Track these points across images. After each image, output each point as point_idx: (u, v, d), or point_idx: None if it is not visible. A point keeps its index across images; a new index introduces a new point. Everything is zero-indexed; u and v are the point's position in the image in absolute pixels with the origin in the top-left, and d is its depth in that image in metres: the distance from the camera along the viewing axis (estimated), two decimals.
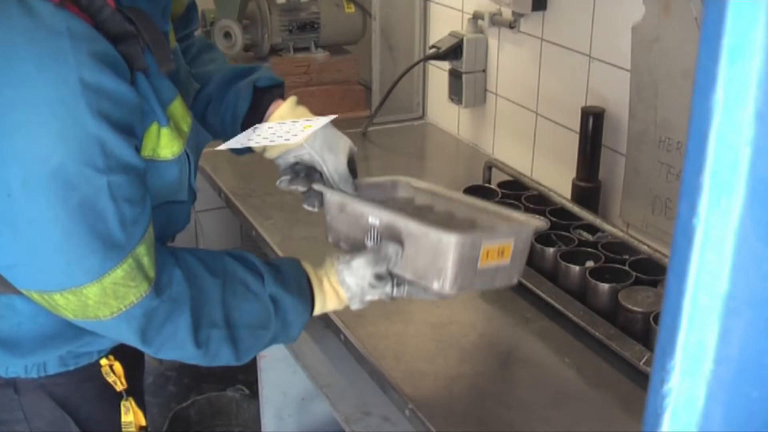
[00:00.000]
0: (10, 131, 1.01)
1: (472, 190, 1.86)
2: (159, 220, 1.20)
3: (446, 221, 1.30)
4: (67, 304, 1.08)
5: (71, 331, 1.19)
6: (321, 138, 1.28)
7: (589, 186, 1.83)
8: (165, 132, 1.15)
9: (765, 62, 0.40)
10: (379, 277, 1.19)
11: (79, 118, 1.01)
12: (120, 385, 1.29)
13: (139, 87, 1.11)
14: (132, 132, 1.09)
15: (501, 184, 1.88)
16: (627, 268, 1.51)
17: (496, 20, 2.14)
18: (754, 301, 0.43)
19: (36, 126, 1.00)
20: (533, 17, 2.02)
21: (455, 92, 2.29)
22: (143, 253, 1.10)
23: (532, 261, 1.63)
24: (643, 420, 0.48)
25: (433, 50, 2.26)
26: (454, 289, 1.13)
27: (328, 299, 1.24)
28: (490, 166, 1.94)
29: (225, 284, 1.18)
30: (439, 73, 2.44)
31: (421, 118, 2.59)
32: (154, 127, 1.14)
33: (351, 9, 2.59)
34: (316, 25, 2.55)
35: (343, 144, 1.30)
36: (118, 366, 1.29)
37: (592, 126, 1.80)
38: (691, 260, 0.43)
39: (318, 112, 1.36)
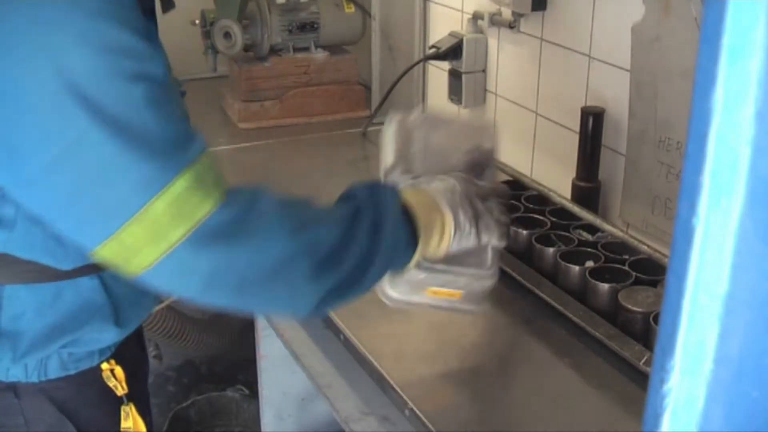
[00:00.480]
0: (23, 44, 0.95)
1: None
2: None
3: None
4: (144, 234, 0.98)
5: (73, 322, 1.18)
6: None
7: (589, 186, 1.83)
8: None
9: (765, 62, 0.40)
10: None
11: (99, 23, 0.96)
12: (121, 390, 1.27)
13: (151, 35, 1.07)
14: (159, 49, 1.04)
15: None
16: (627, 268, 1.51)
17: (495, 20, 2.14)
18: (754, 301, 0.43)
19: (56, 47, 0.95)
20: (533, 17, 2.02)
21: (455, 92, 2.29)
22: (206, 164, 1.02)
23: (532, 261, 1.63)
24: (643, 420, 0.48)
25: (433, 50, 2.26)
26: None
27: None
28: None
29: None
30: (439, 73, 2.44)
31: None
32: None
33: (351, 9, 2.59)
34: (316, 25, 2.55)
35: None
36: (119, 370, 1.27)
37: (592, 126, 1.80)
38: (691, 260, 0.43)
39: (318, 112, 1.37)
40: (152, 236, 0.98)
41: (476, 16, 2.21)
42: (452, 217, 1.17)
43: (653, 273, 1.49)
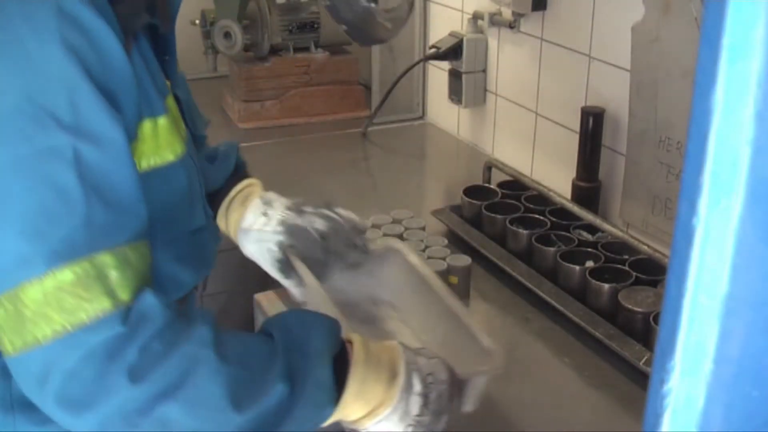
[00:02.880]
0: None
1: (472, 190, 1.86)
2: (180, 259, 1.04)
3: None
4: (5, 320, 0.85)
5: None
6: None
7: (589, 186, 1.83)
8: (163, 124, 1.00)
9: (765, 62, 0.40)
10: None
11: (46, 48, 0.84)
12: None
13: (134, 61, 0.95)
14: (117, 103, 0.89)
15: (501, 184, 1.88)
16: (627, 268, 1.51)
17: (495, 20, 2.14)
18: (754, 301, 0.43)
19: None
20: (533, 17, 2.02)
21: (455, 92, 2.29)
22: (110, 264, 0.86)
23: (532, 261, 1.63)
24: (643, 420, 0.48)
25: (433, 50, 2.26)
26: None
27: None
28: (489, 166, 1.94)
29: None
30: (439, 73, 2.44)
31: (421, 118, 2.59)
32: (147, 124, 0.97)
33: None
34: (316, 25, 2.55)
35: None
36: None
37: (592, 126, 1.80)
38: (691, 260, 0.43)
39: (318, 112, 1.36)
40: (18, 326, 0.84)
41: (476, 16, 2.21)
42: (395, 403, 0.98)
43: (653, 273, 1.49)
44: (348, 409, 0.97)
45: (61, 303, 0.83)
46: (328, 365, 0.95)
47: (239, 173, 1.37)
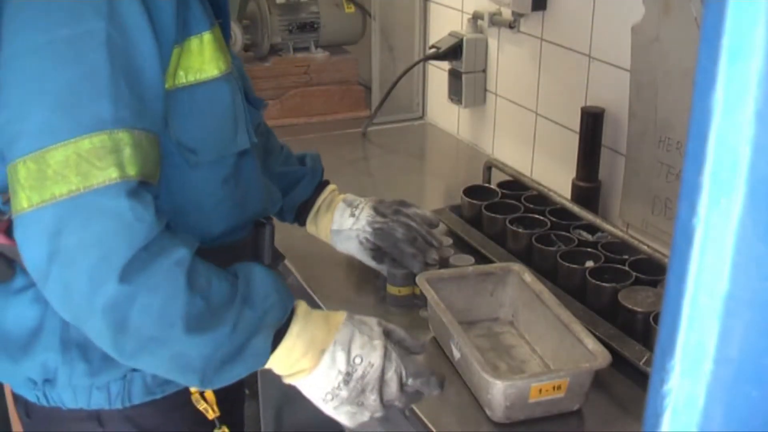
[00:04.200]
0: None
1: (472, 190, 1.86)
2: (226, 181, 1.12)
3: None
4: (26, 178, 0.94)
5: None
6: None
7: (589, 186, 1.83)
8: (208, 39, 1.08)
9: (765, 62, 0.40)
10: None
11: None
12: (212, 414, 1.18)
13: None
14: (156, 12, 1.00)
15: (501, 184, 1.88)
16: (627, 268, 1.51)
17: (495, 20, 2.14)
18: (754, 301, 0.43)
19: None
20: (533, 17, 2.02)
21: (455, 92, 2.29)
22: (126, 141, 0.97)
23: (532, 261, 1.63)
24: (643, 420, 0.48)
25: (433, 50, 2.26)
26: (503, 420, 1.25)
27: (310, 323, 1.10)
28: (489, 166, 1.93)
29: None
30: (438, 73, 2.44)
31: (421, 118, 2.59)
32: (194, 41, 1.06)
33: (351, 9, 2.59)
34: (316, 25, 2.55)
35: None
36: (209, 393, 1.18)
37: (592, 126, 1.80)
38: (691, 260, 0.43)
39: (318, 112, 1.37)
40: (39, 183, 0.94)
41: (476, 16, 2.21)
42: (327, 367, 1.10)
43: (653, 273, 1.48)
44: (273, 366, 1.10)
45: (78, 167, 0.94)
46: (269, 338, 1.06)
47: (321, 181, 1.58)
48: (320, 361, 1.09)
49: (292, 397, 1.98)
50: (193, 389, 1.17)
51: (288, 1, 2.56)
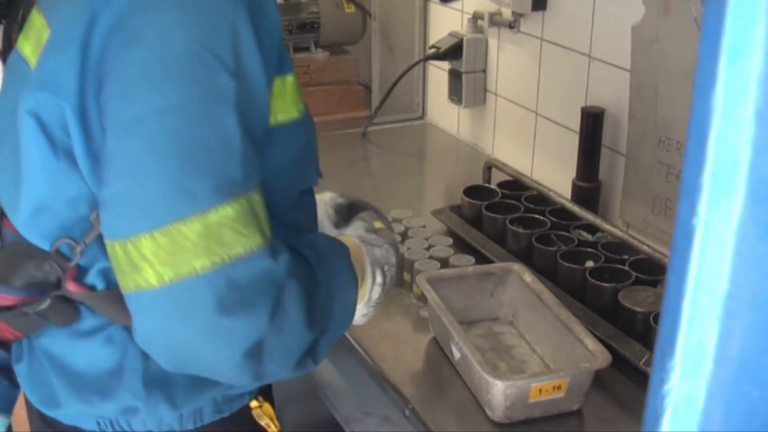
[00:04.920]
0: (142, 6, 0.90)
1: (472, 190, 1.86)
2: (285, 222, 1.08)
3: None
4: (155, 253, 0.88)
5: None
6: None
7: (589, 186, 1.83)
8: (291, 81, 1.04)
9: (765, 62, 0.40)
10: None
11: (228, 7, 0.91)
12: (274, 427, 1.18)
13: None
14: (266, 57, 0.96)
15: (501, 184, 1.88)
16: (627, 268, 1.51)
17: (495, 20, 2.14)
18: (754, 301, 0.43)
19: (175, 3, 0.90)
20: (533, 17, 2.02)
21: (455, 92, 2.29)
22: (259, 203, 0.93)
23: (532, 261, 1.63)
24: (643, 420, 0.48)
25: (433, 50, 2.26)
26: (503, 420, 1.26)
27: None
28: (489, 166, 1.94)
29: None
30: (439, 73, 2.44)
31: (421, 118, 2.59)
32: (278, 82, 1.01)
33: (351, 9, 2.59)
34: (316, 25, 2.55)
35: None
36: (267, 407, 1.18)
37: (592, 126, 1.80)
38: (691, 260, 0.43)
39: (318, 112, 1.37)
40: (173, 258, 0.89)
41: (476, 16, 2.21)
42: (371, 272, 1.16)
43: (653, 273, 1.48)
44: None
45: (221, 237, 0.88)
46: (355, 292, 1.09)
47: None
48: (365, 282, 1.14)
49: (292, 397, 1.98)
50: (253, 404, 1.16)
51: (288, 1, 2.56)
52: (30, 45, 1.03)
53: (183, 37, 0.90)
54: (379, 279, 1.15)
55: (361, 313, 1.15)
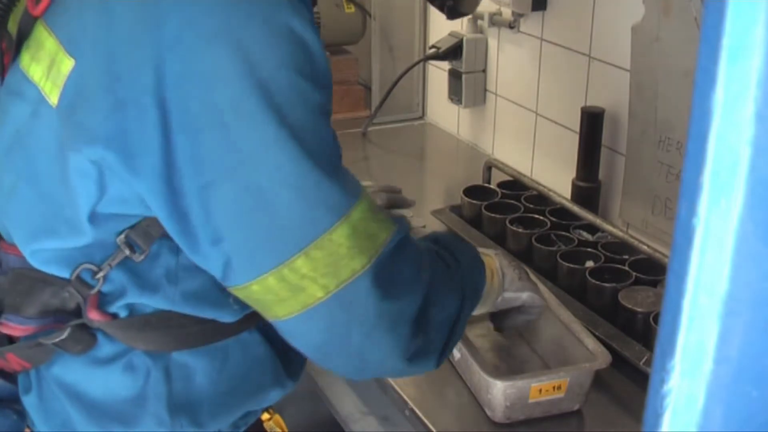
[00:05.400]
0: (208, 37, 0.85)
1: (472, 190, 1.86)
2: None
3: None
4: (315, 269, 0.89)
5: (246, 385, 1.07)
6: None
7: (588, 186, 1.83)
8: None
9: (765, 62, 0.40)
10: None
11: (282, 14, 0.87)
12: None
13: None
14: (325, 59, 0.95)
15: (501, 184, 1.88)
16: (627, 268, 1.51)
17: (495, 20, 2.14)
18: (754, 301, 0.43)
19: (238, 28, 0.85)
20: (533, 17, 2.02)
21: (455, 92, 2.29)
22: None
23: (532, 261, 1.63)
24: (643, 420, 0.48)
25: (433, 50, 2.26)
26: (503, 420, 1.26)
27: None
28: (489, 166, 1.94)
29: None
30: (438, 73, 2.44)
31: (421, 118, 2.59)
32: None
33: (351, 9, 2.59)
34: (316, 25, 2.54)
35: None
36: (278, 417, 1.19)
37: (592, 126, 1.80)
38: (691, 260, 0.43)
39: None
40: (334, 268, 0.89)
41: (476, 16, 2.21)
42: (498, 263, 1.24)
43: (653, 273, 1.48)
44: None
45: (368, 230, 0.91)
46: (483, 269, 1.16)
47: None
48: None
49: (292, 397, 1.98)
50: (264, 417, 1.17)
51: None
52: (40, 69, 0.96)
53: (266, 64, 0.86)
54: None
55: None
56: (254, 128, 0.86)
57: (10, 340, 1.04)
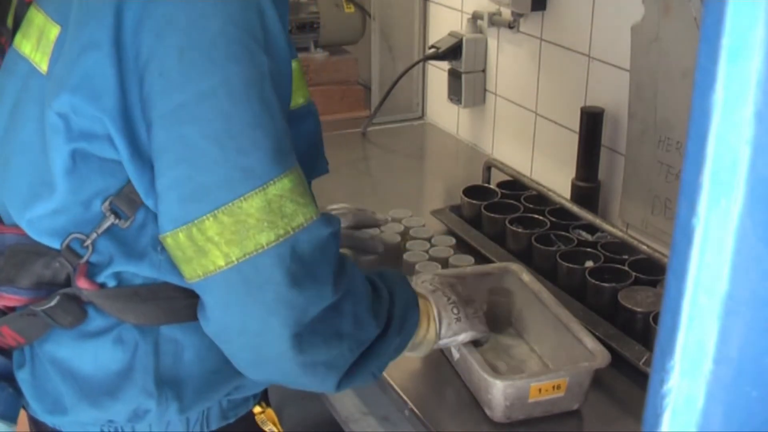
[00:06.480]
0: None
1: (472, 190, 1.86)
2: None
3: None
4: (221, 234, 0.89)
5: (232, 365, 1.06)
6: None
7: (588, 186, 1.83)
8: (296, 68, 1.04)
9: (765, 62, 0.40)
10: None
11: None
12: None
13: None
14: (288, 41, 0.98)
15: (500, 184, 1.88)
16: (627, 268, 1.51)
17: (495, 20, 2.14)
18: (754, 301, 0.43)
19: None
20: (532, 17, 2.02)
21: (455, 92, 2.29)
22: (302, 173, 0.95)
23: (532, 261, 1.63)
24: (642, 420, 0.48)
25: (433, 50, 2.26)
26: (503, 419, 1.25)
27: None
28: (489, 166, 1.94)
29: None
30: (438, 73, 2.44)
31: (421, 118, 2.59)
32: (295, 63, 1.02)
33: (350, 9, 2.59)
34: (315, 25, 2.55)
35: None
36: (270, 412, 1.18)
37: (592, 126, 1.80)
38: (690, 260, 0.43)
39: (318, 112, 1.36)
40: (238, 236, 0.89)
41: (476, 16, 2.21)
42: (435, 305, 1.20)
43: (653, 273, 1.48)
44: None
45: (283, 209, 0.90)
46: (416, 313, 1.14)
47: None
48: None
49: (292, 397, 1.98)
50: (256, 410, 1.16)
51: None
52: (30, 43, 1.01)
53: (216, 19, 0.90)
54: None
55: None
56: (192, 79, 0.89)
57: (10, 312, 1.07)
